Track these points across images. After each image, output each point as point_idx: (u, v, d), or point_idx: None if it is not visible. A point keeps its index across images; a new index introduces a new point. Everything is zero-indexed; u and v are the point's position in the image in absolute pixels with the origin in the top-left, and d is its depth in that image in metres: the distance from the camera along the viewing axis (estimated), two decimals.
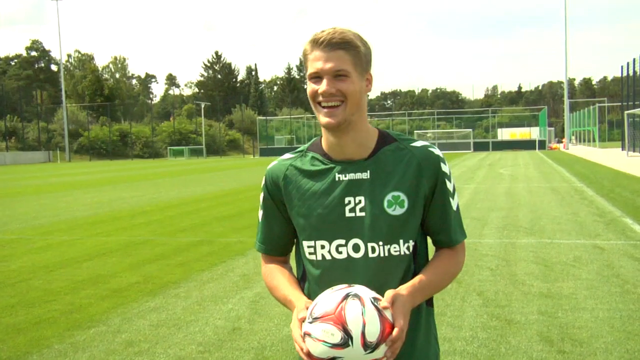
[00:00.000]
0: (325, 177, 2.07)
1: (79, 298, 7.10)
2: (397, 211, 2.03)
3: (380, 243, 2.03)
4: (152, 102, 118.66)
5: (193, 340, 5.56)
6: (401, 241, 2.04)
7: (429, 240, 2.20)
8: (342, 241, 2.04)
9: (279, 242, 2.20)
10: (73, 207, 17.28)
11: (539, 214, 13.34)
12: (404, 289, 1.97)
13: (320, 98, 2.01)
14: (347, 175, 2.05)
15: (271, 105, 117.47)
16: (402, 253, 2.05)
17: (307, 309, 1.93)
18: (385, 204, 2.03)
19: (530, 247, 9.55)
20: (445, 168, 2.08)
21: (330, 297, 1.87)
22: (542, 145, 61.47)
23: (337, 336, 1.80)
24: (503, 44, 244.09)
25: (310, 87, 2.03)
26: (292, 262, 2.28)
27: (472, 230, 11.03)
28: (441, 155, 2.10)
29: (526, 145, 61.93)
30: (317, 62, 2.00)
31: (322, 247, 2.06)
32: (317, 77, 2.01)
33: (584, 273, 7.82)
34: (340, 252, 2.04)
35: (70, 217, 14.79)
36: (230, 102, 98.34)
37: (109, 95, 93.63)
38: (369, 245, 2.03)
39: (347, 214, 2.03)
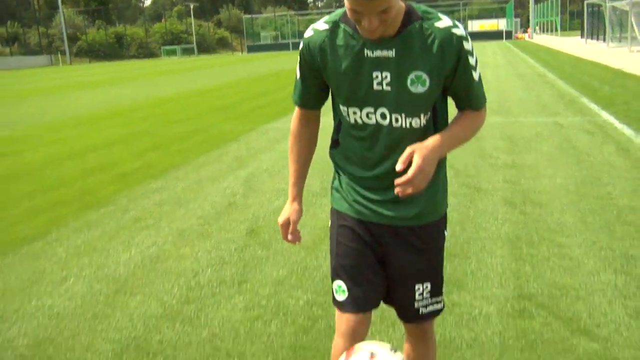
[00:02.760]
0: (355, 53, 2.04)
1: (88, 183, 7.13)
2: (419, 89, 2.01)
3: (403, 115, 2.04)
4: (144, 5, 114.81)
5: (194, 215, 5.64)
6: (422, 115, 2.05)
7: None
8: (371, 109, 2.06)
9: (314, 98, 2.24)
10: (77, 105, 17.05)
11: (506, 96, 13.31)
12: (429, 140, 1.99)
13: (364, 27, 1.91)
14: (375, 52, 2.01)
15: (256, 4, 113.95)
16: (422, 125, 2.07)
17: (293, 220, 2.26)
18: (408, 82, 2.00)
19: (498, 126, 9.58)
20: (467, 45, 2.02)
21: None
22: (509, 35, 60.46)
23: None
24: None
25: (350, 11, 1.91)
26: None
27: None
28: (464, 34, 2.01)
29: (494, 35, 60.84)
30: (357, 3, 1.86)
31: (354, 112, 2.09)
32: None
33: (545, 146, 7.91)
34: (370, 118, 2.07)
35: (76, 114, 14.61)
36: (217, 2, 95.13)
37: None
38: (393, 115, 2.04)
39: (375, 87, 2.03)
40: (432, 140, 2.00)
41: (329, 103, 2.27)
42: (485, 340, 3.27)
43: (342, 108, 2.11)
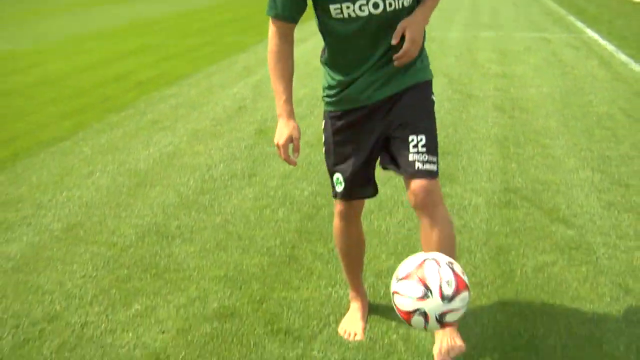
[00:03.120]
0: None
1: (109, 90, 7.00)
2: None
3: None
4: None
5: (206, 117, 5.56)
6: None
7: None
8: (364, 1, 1.97)
9: (297, 8, 2.09)
10: (97, 20, 16.57)
11: (499, 13, 12.94)
12: (415, 15, 2.03)
13: None
14: None
15: None
16: (410, 3, 2.03)
17: (296, 137, 2.06)
18: None
19: (490, 39, 9.35)
20: None
21: (410, 260, 1.87)
22: None
23: (418, 290, 1.79)
24: None
25: None
26: None
27: (440, 25, 10.64)
28: None
29: None
30: None
31: (348, 7, 1.99)
32: None
33: (532, 59, 7.74)
34: (363, 10, 1.99)
35: (96, 28, 14.23)
36: None
37: None
38: (387, 1, 1.98)
39: None
40: (417, 15, 2.03)
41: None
42: (474, 227, 3.29)
43: (334, 7, 2.00)
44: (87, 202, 3.77)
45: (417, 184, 2.05)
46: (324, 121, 2.28)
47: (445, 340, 2.18)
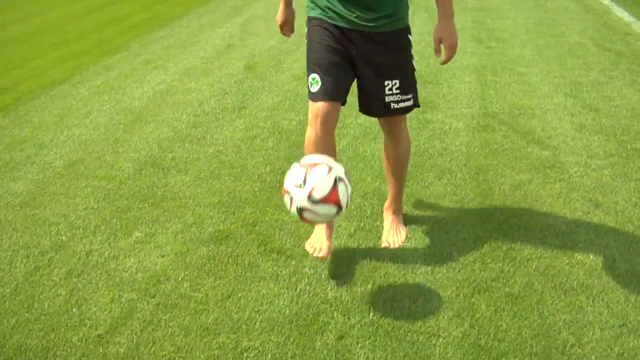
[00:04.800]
0: None
1: (104, 34, 6.70)
2: None
3: None
4: None
5: (197, 56, 5.32)
6: None
7: None
8: None
9: None
10: None
11: None
12: (445, 21, 2.04)
13: None
14: None
15: None
16: None
17: (290, 20, 2.38)
18: None
19: None
20: None
21: (318, 157, 1.98)
22: None
23: (299, 178, 1.89)
24: None
25: None
26: None
27: None
28: None
29: None
30: None
31: None
32: None
33: None
34: None
35: None
36: None
37: None
38: None
39: None
40: (445, 21, 2.04)
41: None
42: (455, 149, 3.20)
43: None
44: (86, 139, 3.63)
45: (389, 119, 2.24)
46: (306, 27, 2.21)
47: (392, 231, 2.39)
